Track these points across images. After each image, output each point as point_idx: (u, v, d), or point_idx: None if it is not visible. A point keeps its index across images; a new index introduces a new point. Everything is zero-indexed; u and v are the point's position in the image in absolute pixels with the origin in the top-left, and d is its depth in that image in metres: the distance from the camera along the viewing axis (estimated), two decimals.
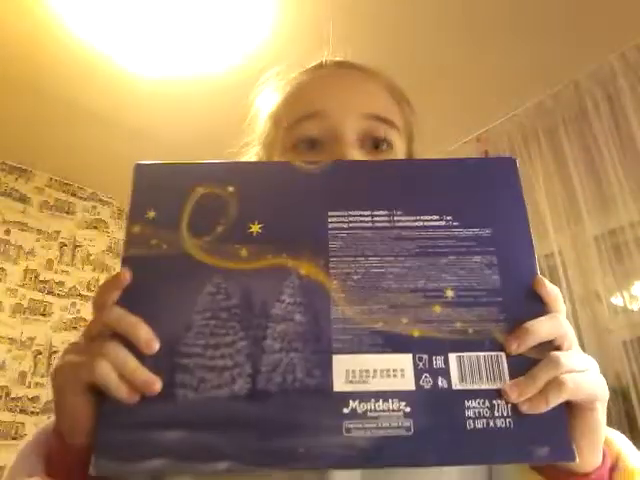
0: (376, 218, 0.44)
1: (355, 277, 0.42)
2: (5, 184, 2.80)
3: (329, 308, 0.41)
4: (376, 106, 0.59)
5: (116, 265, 3.03)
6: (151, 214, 0.44)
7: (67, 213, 2.98)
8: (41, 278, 2.78)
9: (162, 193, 0.46)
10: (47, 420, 0.50)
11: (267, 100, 0.68)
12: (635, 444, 0.48)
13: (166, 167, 0.47)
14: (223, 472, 0.37)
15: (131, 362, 0.39)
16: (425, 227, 0.44)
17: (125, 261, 0.43)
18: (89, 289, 2.92)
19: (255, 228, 0.44)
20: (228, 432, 0.38)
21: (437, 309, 0.42)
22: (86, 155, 2.78)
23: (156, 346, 0.40)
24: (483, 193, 0.46)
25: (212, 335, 0.41)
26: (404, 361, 0.40)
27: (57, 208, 2.95)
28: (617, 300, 2.05)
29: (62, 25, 2.00)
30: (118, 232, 3.14)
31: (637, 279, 2.02)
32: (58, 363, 0.42)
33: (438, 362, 0.40)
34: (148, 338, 0.40)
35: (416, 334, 0.41)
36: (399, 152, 0.60)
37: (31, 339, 2.65)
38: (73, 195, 3.03)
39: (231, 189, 0.45)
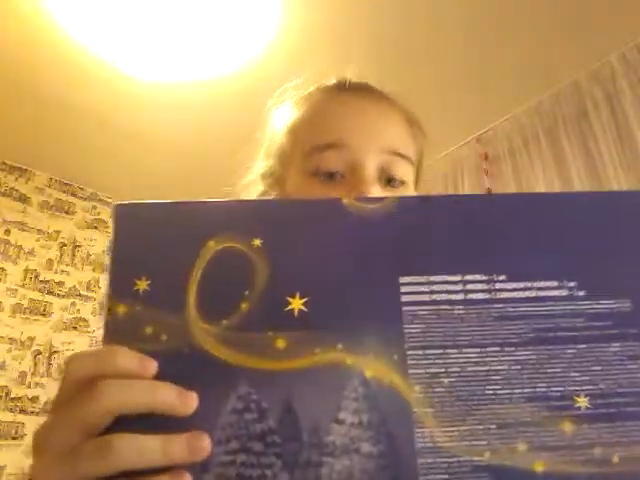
0: (470, 286, 0.31)
1: (446, 380, 0.29)
2: (5, 184, 2.71)
3: (411, 431, 0.28)
4: (396, 141, 0.58)
5: None
6: (142, 284, 0.30)
7: (67, 213, 2.90)
8: (41, 278, 2.69)
9: (159, 251, 0.31)
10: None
11: (284, 114, 0.65)
12: None
13: (162, 209, 0.32)
14: None
15: (150, 442, 0.27)
16: (540, 299, 0.30)
17: None
18: (89, 289, 2.84)
19: (296, 304, 0.30)
20: None
21: (567, 427, 0.28)
22: (86, 155, 2.69)
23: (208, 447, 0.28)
24: (618, 244, 0.32)
25: (241, 479, 0.27)
26: None
27: (57, 208, 2.86)
28: None
29: (61, 29, 1.93)
30: None
31: None
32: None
33: None
34: (200, 435, 0.28)
35: (539, 468, 0.27)
36: (411, 187, 0.59)
37: (31, 339, 2.58)
38: (73, 195, 2.95)
39: (258, 242, 0.31)
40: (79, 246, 2.91)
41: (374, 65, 0.66)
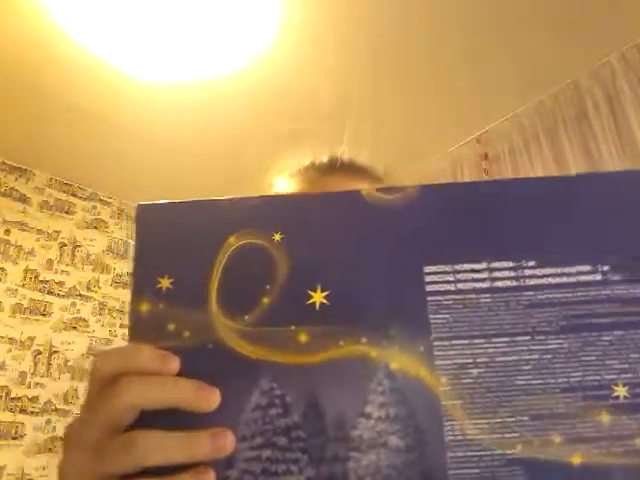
0: (497, 274, 0.29)
1: (474, 371, 0.27)
2: (5, 184, 2.68)
3: (440, 424, 0.27)
4: None
5: (116, 265, 3.01)
6: (165, 283, 0.30)
7: (67, 213, 2.88)
8: (41, 278, 2.67)
9: (180, 249, 0.31)
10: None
11: (284, 184, 0.70)
12: None
13: (182, 209, 0.32)
14: None
15: (173, 439, 0.27)
16: (573, 285, 0.29)
17: None
18: (89, 289, 2.82)
19: (318, 297, 0.29)
20: None
21: (604, 417, 0.27)
22: (86, 155, 2.67)
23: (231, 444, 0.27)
24: None
25: (266, 475, 0.26)
26: None
27: (57, 208, 2.84)
28: None
29: (62, 28, 1.91)
30: (118, 232, 3.04)
31: None
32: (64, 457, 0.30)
33: None
34: (223, 432, 0.27)
35: (577, 461, 0.26)
36: None
37: (31, 339, 2.56)
38: (73, 195, 2.92)
39: (278, 237, 0.31)
40: (79, 246, 2.90)
41: (374, 65, 0.66)
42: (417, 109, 2.32)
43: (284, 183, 0.70)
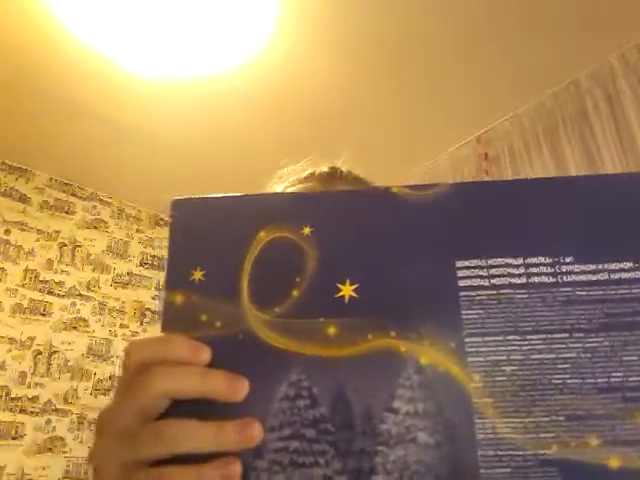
0: (533, 269, 0.28)
1: (508, 369, 0.26)
2: (5, 184, 2.68)
3: (471, 422, 0.26)
4: None
5: (116, 265, 2.99)
6: (197, 275, 0.30)
7: (67, 213, 2.87)
8: (41, 278, 2.67)
9: (212, 243, 0.31)
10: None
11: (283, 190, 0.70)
12: None
13: (215, 204, 0.33)
14: None
15: (202, 429, 0.27)
16: (612, 282, 0.27)
17: None
18: (89, 289, 2.81)
19: (347, 290, 0.29)
20: None
21: None
22: (86, 155, 2.67)
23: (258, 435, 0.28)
24: None
25: (294, 466, 0.26)
26: None
27: (57, 208, 2.84)
28: None
29: (62, 26, 1.90)
30: (118, 232, 3.03)
31: None
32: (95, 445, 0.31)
33: None
34: (251, 424, 0.28)
35: (615, 464, 0.25)
36: None
37: (31, 339, 2.55)
38: (73, 195, 2.92)
39: (307, 230, 0.30)
40: (79, 246, 2.88)
41: (372, 64, 0.65)
42: (417, 109, 2.31)
43: (283, 190, 0.70)
